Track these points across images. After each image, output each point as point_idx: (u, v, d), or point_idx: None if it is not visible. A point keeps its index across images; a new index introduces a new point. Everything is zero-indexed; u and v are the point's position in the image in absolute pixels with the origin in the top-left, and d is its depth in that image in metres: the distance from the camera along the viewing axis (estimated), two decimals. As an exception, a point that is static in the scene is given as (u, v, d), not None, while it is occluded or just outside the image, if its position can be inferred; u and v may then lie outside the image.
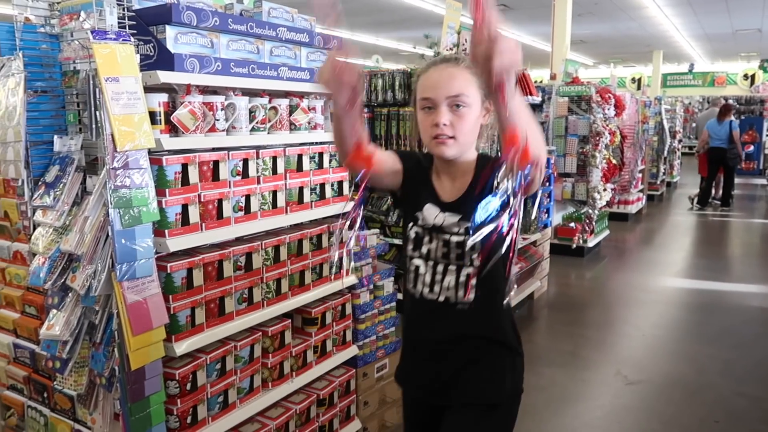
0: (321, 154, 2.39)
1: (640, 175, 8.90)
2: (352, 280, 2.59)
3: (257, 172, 2.12)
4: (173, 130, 1.86)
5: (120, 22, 1.71)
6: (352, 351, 2.62)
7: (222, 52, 1.99)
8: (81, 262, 1.72)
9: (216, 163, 1.97)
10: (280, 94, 2.25)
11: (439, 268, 1.48)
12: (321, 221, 2.45)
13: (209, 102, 1.94)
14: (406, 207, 1.58)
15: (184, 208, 1.87)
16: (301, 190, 2.31)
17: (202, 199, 1.93)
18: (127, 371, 1.69)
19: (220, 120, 1.97)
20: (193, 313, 1.91)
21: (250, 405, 2.14)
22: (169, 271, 1.83)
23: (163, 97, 1.83)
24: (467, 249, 1.44)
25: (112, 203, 1.63)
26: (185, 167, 1.87)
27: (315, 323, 2.41)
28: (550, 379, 3.52)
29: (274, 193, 2.20)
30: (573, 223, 6.47)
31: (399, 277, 4.46)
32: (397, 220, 4.41)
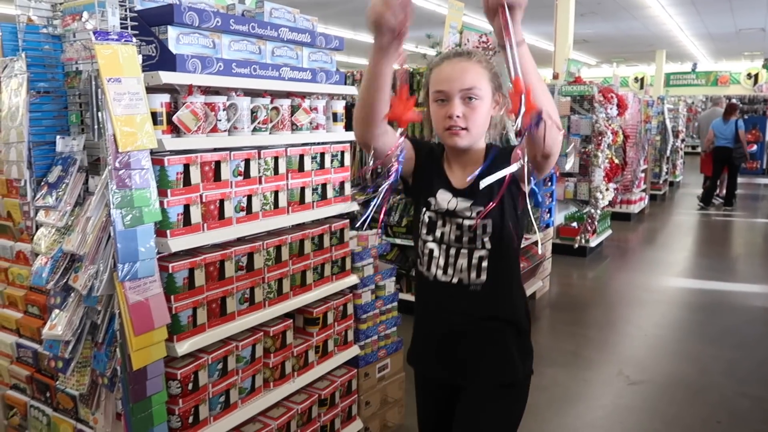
0: (323, 155, 2.39)
1: (642, 175, 8.88)
2: (353, 280, 2.59)
3: (259, 172, 2.12)
4: (175, 130, 1.87)
5: (122, 23, 1.72)
6: (354, 351, 2.62)
7: (224, 52, 1.99)
8: (83, 262, 1.72)
9: (218, 163, 1.97)
10: (282, 94, 2.25)
11: (452, 251, 1.54)
12: (322, 221, 2.46)
13: (211, 102, 1.94)
14: (418, 193, 1.63)
15: (186, 208, 1.87)
16: (302, 190, 2.31)
17: (204, 200, 1.93)
18: (129, 371, 1.69)
19: (221, 120, 1.97)
20: (195, 313, 1.92)
21: (252, 405, 2.15)
22: (170, 271, 1.84)
23: (165, 97, 1.84)
24: (478, 230, 1.50)
25: (114, 204, 1.63)
26: (187, 167, 1.87)
27: (316, 323, 2.41)
28: (552, 379, 3.52)
29: (276, 193, 2.20)
30: (575, 223, 6.46)
31: (400, 277, 4.47)
32: (398, 219, 4.41)
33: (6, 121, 1.88)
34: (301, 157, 2.30)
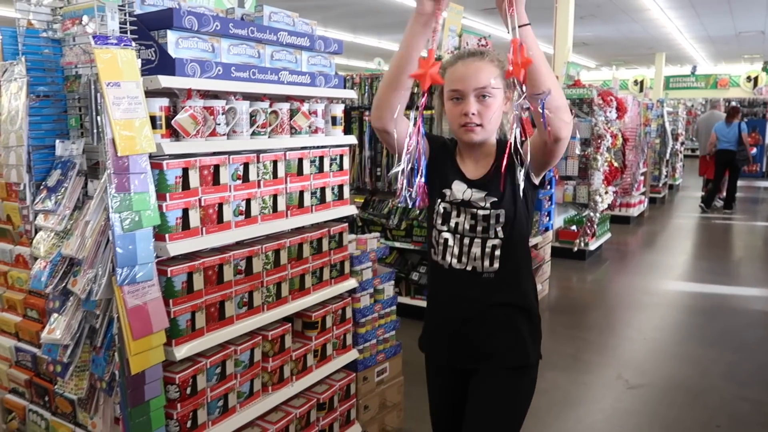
0: (321, 158, 2.39)
1: (641, 178, 8.89)
2: (352, 283, 2.59)
3: (258, 176, 2.12)
4: (174, 134, 1.87)
5: (121, 27, 1.72)
6: (353, 355, 2.62)
7: (223, 56, 1.99)
8: (82, 266, 1.72)
9: (216, 167, 1.97)
10: (281, 98, 2.26)
11: (466, 240, 1.62)
12: (321, 225, 2.46)
13: (210, 106, 1.94)
14: (432, 185, 1.67)
15: (185, 212, 1.87)
16: (301, 194, 2.31)
17: (203, 204, 1.93)
18: (128, 375, 1.69)
19: (220, 124, 1.98)
20: (194, 317, 1.92)
21: (250, 409, 2.14)
22: (169, 275, 1.84)
23: (164, 101, 1.84)
24: (491, 219, 1.58)
25: (112, 207, 1.63)
26: (186, 171, 1.87)
27: (315, 327, 2.41)
28: (552, 383, 3.51)
29: (275, 197, 2.20)
30: (574, 226, 6.46)
31: (399, 281, 4.46)
32: (397, 223, 4.41)
33: (6, 124, 1.88)
34: (300, 160, 2.30)
